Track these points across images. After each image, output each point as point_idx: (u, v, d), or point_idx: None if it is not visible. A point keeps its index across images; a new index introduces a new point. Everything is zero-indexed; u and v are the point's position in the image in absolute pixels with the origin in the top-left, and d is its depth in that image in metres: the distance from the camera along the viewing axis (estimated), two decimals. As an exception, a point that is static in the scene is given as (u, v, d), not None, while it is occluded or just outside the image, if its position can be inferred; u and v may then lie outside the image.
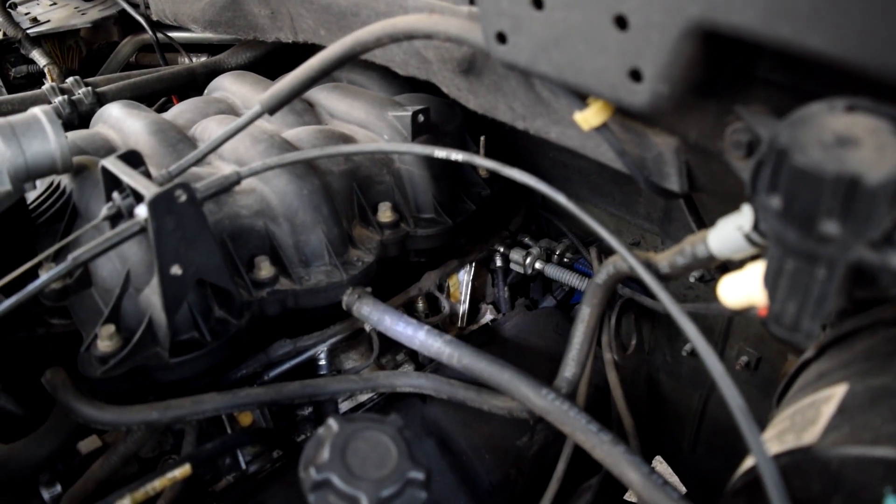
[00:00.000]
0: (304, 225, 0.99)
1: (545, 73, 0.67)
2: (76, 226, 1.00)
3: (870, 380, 0.56)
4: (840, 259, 0.45)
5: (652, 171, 0.75)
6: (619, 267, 0.78)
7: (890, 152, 0.42)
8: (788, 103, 0.54)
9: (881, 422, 0.51)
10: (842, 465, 0.50)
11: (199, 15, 1.34)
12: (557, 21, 0.63)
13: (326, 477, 0.57)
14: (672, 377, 1.34)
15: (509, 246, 1.31)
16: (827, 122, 0.46)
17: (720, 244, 0.63)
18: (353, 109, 1.18)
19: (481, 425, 1.08)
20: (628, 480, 0.72)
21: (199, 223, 0.81)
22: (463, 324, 1.30)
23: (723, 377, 0.56)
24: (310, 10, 1.08)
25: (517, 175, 0.74)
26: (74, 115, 1.32)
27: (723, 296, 0.61)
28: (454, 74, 0.90)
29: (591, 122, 0.70)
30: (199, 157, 0.88)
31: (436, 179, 1.12)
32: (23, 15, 1.90)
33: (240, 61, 1.55)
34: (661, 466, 1.65)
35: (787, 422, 0.59)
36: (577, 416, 0.78)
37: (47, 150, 0.92)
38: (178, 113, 1.20)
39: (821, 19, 0.47)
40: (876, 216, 0.43)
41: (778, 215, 0.46)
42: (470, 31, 0.73)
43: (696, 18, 0.53)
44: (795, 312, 0.49)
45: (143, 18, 1.73)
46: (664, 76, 0.57)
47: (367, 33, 0.80)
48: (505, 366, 0.87)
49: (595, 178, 1.17)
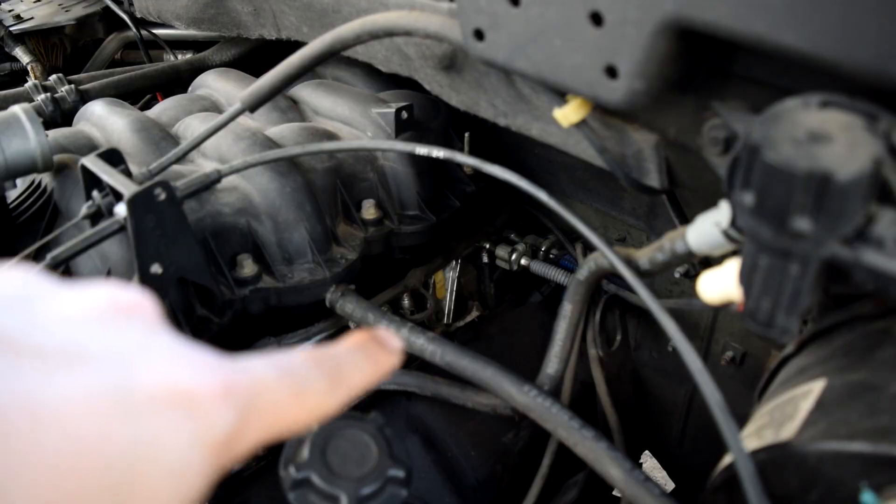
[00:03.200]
0: (286, 222, 0.98)
1: (523, 70, 0.67)
2: (57, 224, 1.00)
3: (848, 375, 0.57)
4: (813, 255, 0.45)
5: (632, 168, 0.75)
6: (600, 263, 0.78)
7: (862, 148, 0.43)
8: (766, 99, 0.54)
9: (858, 417, 0.51)
10: (819, 461, 0.50)
11: (182, 12, 1.34)
12: (534, 18, 0.62)
13: (306, 475, 0.57)
14: (658, 372, 1.35)
15: (495, 242, 1.31)
16: (800, 118, 0.46)
17: (699, 240, 0.63)
18: (337, 106, 1.17)
19: (466, 422, 1.08)
20: (610, 477, 0.73)
21: (179, 221, 0.81)
22: (449, 321, 1.30)
23: (701, 373, 0.56)
24: (292, 7, 1.08)
25: (498, 172, 0.74)
26: (57, 113, 1.31)
27: (702, 291, 0.61)
28: (435, 71, 0.89)
29: (570, 118, 0.70)
30: (180, 154, 0.87)
31: (420, 176, 1.12)
32: (6, 12, 1.89)
33: (224, 58, 1.54)
34: (649, 461, 1.66)
35: (767, 417, 0.60)
36: (560, 412, 0.78)
37: (27, 148, 0.91)
38: (161, 110, 1.20)
39: (794, 15, 0.47)
40: (848, 212, 0.43)
41: (751, 212, 0.46)
42: (449, 27, 0.73)
43: (670, 15, 0.52)
44: (770, 308, 0.49)
45: (126, 15, 1.72)
46: (640, 73, 0.57)
47: (346, 30, 0.79)
48: (488, 363, 0.87)
49: (580, 174, 1.17)
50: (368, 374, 0.38)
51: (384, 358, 0.39)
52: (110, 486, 0.25)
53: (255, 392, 0.32)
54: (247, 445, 0.32)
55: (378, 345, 0.39)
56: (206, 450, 0.29)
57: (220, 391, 0.30)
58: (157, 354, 0.29)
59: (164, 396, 0.28)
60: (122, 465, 0.26)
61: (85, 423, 0.25)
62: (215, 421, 0.29)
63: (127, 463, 0.26)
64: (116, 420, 0.26)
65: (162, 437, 0.27)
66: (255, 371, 0.32)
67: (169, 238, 0.80)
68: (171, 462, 0.27)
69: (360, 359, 0.38)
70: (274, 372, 0.33)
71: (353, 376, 0.37)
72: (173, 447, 0.27)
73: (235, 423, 0.30)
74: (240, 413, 0.30)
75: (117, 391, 0.27)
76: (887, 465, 0.47)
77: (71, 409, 0.25)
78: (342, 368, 0.37)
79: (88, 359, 0.27)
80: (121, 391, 0.27)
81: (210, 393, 0.29)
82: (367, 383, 0.38)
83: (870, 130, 0.44)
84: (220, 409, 0.29)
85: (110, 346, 0.28)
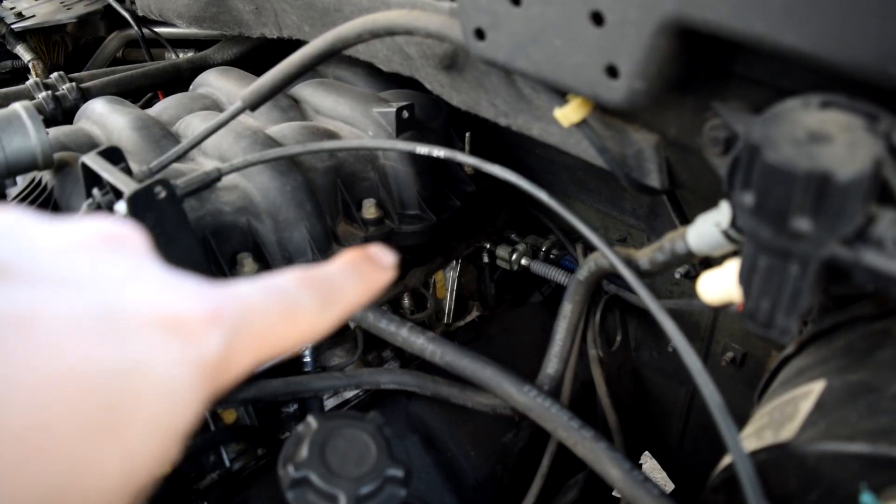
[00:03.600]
0: (287, 221, 0.98)
1: (523, 70, 0.67)
2: (58, 223, 1.00)
3: (847, 375, 0.56)
4: (812, 256, 0.45)
5: (633, 168, 0.75)
6: (600, 263, 0.78)
7: (862, 149, 0.43)
8: (766, 100, 0.54)
9: (857, 417, 0.51)
10: (819, 461, 0.50)
11: (183, 10, 1.34)
12: (535, 17, 0.62)
13: (305, 475, 0.57)
14: (658, 373, 1.35)
15: (495, 242, 1.31)
16: (800, 118, 0.46)
17: (699, 241, 0.63)
18: (338, 106, 1.17)
19: (466, 422, 1.08)
20: (610, 477, 0.73)
21: (178, 220, 0.81)
22: (449, 320, 1.30)
23: (701, 373, 0.56)
24: (293, 6, 1.08)
25: (499, 171, 0.74)
26: (58, 111, 1.31)
27: (702, 292, 0.61)
28: (436, 71, 0.89)
29: (570, 118, 0.70)
30: (181, 153, 0.87)
31: (420, 176, 1.12)
32: (7, 9, 1.89)
33: (226, 57, 1.54)
34: (649, 462, 1.66)
35: (766, 418, 0.60)
36: (559, 412, 0.78)
37: (28, 146, 0.91)
38: (162, 109, 1.20)
39: (794, 15, 0.47)
40: (848, 213, 0.43)
41: (751, 212, 0.46)
42: (450, 27, 0.73)
43: (670, 14, 0.52)
44: (769, 309, 0.49)
45: (128, 13, 1.72)
46: (640, 72, 0.57)
47: (347, 29, 0.79)
48: (487, 362, 0.86)
49: (581, 174, 1.17)
50: (361, 292, 0.38)
51: (377, 275, 0.39)
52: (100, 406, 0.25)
53: (244, 314, 0.32)
54: (240, 368, 0.32)
55: (370, 262, 0.39)
56: (197, 372, 0.29)
57: (209, 315, 0.30)
58: (145, 282, 0.30)
59: (153, 321, 0.28)
60: (112, 385, 0.26)
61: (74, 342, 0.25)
62: (205, 345, 0.29)
63: (116, 382, 0.26)
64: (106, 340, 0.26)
65: (151, 359, 0.27)
66: (244, 294, 0.32)
67: (169, 236, 0.80)
68: (162, 383, 0.27)
69: (351, 277, 0.37)
70: (263, 294, 0.33)
71: (345, 295, 0.37)
72: (163, 369, 0.27)
73: (226, 347, 0.30)
74: (230, 336, 0.30)
75: (107, 313, 0.27)
76: (887, 465, 0.47)
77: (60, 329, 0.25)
78: (333, 287, 0.36)
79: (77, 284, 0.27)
80: (110, 313, 0.27)
81: (199, 318, 0.29)
82: (360, 301, 0.38)
83: (870, 131, 0.44)
84: (209, 333, 0.29)
85: (99, 273, 0.29)
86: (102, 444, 0.25)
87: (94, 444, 0.25)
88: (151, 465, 0.27)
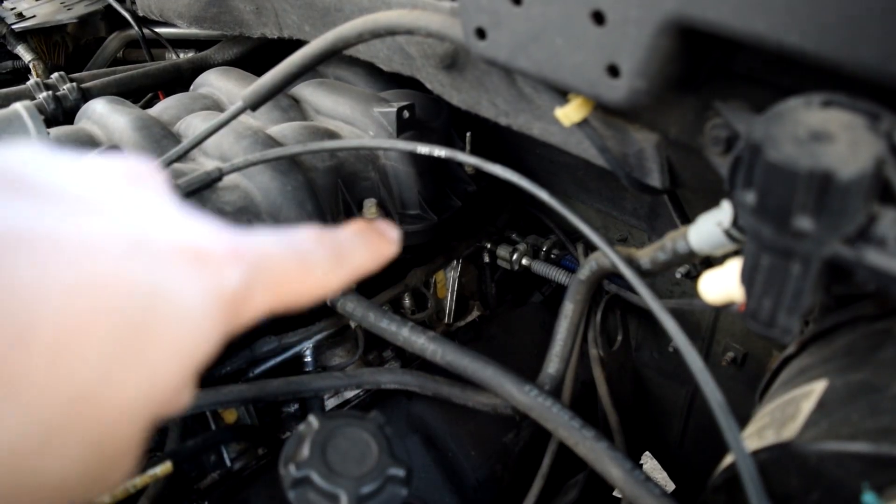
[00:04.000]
0: (287, 221, 0.98)
1: (524, 69, 0.67)
2: (59, 223, 1.00)
3: (849, 375, 0.56)
4: (814, 255, 0.45)
5: (634, 168, 0.75)
6: (601, 263, 0.78)
7: (864, 148, 0.42)
8: (768, 99, 0.54)
9: (859, 417, 0.51)
10: (820, 461, 0.50)
11: (184, 10, 1.34)
12: (536, 16, 0.62)
13: (306, 474, 0.57)
14: (659, 372, 1.35)
15: (496, 242, 1.31)
16: (802, 117, 0.46)
17: (700, 240, 0.63)
18: (339, 105, 1.17)
19: (467, 422, 1.08)
20: (611, 476, 0.73)
21: (180, 220, 0.81)
22: (450, 320, 1.30)
23: (702, 373, 0.56)
24: (294, 6, 1.08)
25: (499, 171, 0.74)
26: (59, 111, 1.31)
27: (703, 291, 0.61)
28: (437, 70, 0.89)
29: (571, 118, 0.70)
30: (181, 153, 0.87)
31: (421, 176, 1.12)
32: (8, 10, 1.89)
33: (226, 57, 1.54)
34: (650, 462, 1.66)
35: (768, 418, 0.59)
36: (560, 412, 0.78)
37: (29, 146, 0.91)
38: (163, 109, 1.20)
39: (795, 14, 0.46)
40: (849, 211, 0.43)
41: (753, 211, 0.46)
42: (450, 26, 0.73)
43: (671, 14, 0.52)
44: (771, 308, 0.49)
45: (129, 14, 1.72)
46: (642, 72, 0.57)
47: (348, 29, 0.79)
48: (488, 362, 0.86)
49: (582, 174, 1.17)
50: (368, 258, 0.40)
51: (384, 246, 0.41)
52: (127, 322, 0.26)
53: (261, 258, 0.33)
54: (254, 310, 0.33)
55: (377, 233, 0.41)
56: (217, 302, 0.30)
57: (230, 252, 0.31)
58: (170, 215, 0.31)
59: (179, 249, 0.29)
60: (139, 304, 0.27)
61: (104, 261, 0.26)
62: (225, 277, 0.30)
63: (143, 302, 0.27)
64: (135, 261, 0.27)
65: (176, 284, 0.28)
66: (261, 241, 0.34)
67: (170, 236, 0.80)
68: (185, 308, 0.28)
69: (360, 243, 0.39)
70: (280, 244, 0.35)
71: (355, 258, 0.39)
72: (187, 295, 0.28)
73: (243, 284, 0.31)
74: (247, 275, 0.32)
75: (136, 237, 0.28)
76: (889, 465, 0.46)
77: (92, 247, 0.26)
78: (344, 249, 0.38)
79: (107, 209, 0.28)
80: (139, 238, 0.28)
81: (220, 252, 0.31)
82: (367, 267, 0.40)
83: (872, 130, 0.44)
84: (229, 268, 0.31)
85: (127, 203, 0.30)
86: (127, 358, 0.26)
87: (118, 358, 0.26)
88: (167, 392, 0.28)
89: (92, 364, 0.25)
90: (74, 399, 0.25)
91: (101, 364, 0.25)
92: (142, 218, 0.29)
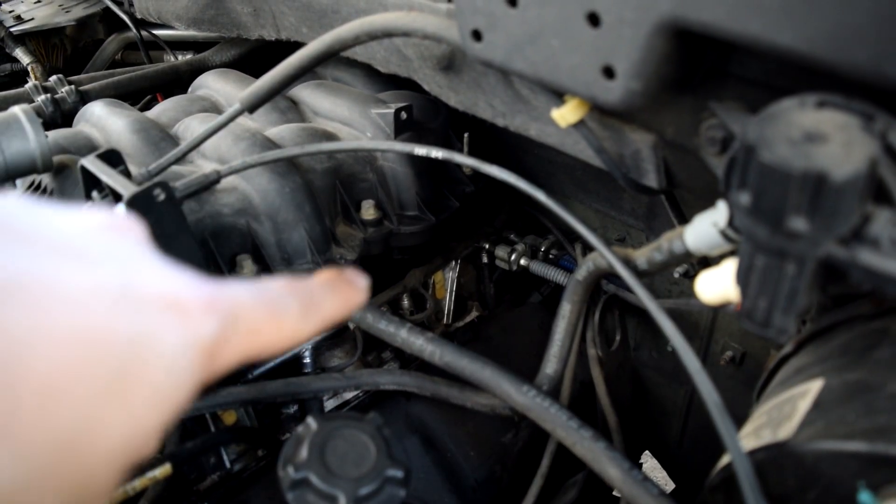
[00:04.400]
0: (286, 223, 0.98)
1: (521, 71, 0.67)
2: (57, 225, 1.00)
3: (845, 374, 0.57)
4: (809, 255, 0.45)
5: (630, 168, 0.75)
6: (598, 263, 0.78)
7: (858, 148, 0.43)
8: (763, 99, 0.54)
9: (855, 416, 0.51)
10: (817, 460, 0.50)
11: (182, 13, 1.34)
12: (531, 18, 0.62)
13: (305, 475, 0.57)
14: (658, 372, 1.35)
15: (494, 242, 1.31)
16: (796, 118, 0.46)
17: (696, 240, 0.63)
18: (337, 107, 1.17)
19: (466, 422, 1.08)
20: (609, 476, 0.73)
21: (178, 222, 0.81)
22: (448, 321, 1.30)
23: (699, 373, 0.56)
24: (291, 8, 1.08)
25: (497, 172, 0.74)
26: (57, 114, 1.31)
27: (699, 291, 0.61)
28: (434, 72, 0.89)
29: (568, 119, 0.70)
30: (179, 155, 0.87)
31: (419, 177, 1.12)
32: (6, 13, 1.89)
33: (224, 59, 1.54)
34: (649, 461, 1.66)
35: (764, 417, 0.60)
36: (558, 412, 0.78)
37: (27, 149, 0.91)
38: (161, 111, 1.20)
39: (790, 15, 0.47)
40: (843, 212, 0.43)
41: (747, 211, 0.46)
42: (447, 28, 0.73)
43: (666, 15, 0.53)
44: (766, 308, 0.49)
45: (127, 16, 1.72)
46: (637, 73, 0.57)
47: (345, 31, 0.79)
48: (486, 363, 0.87)
49: (579, 174, 1.17)
50: (339, 307, 0.41)
51: (352, 294, 0.42)
52: (112, 369, 0.27)
53: (235, 309, 0.34)
54: (229, 359, 0.34)
55: (346, 282, 0.43)
56: (195, 352, 0.31)
57: (206, 302, 0.32)
58: (151, 266, 0.32)
59: (160, 299, 0.30)
60: (124, 351, 0.28)
61: (93, 310, 0.27)
62: (202, 327, 0.31)
63: (128, 350, 0.28)
64: (121, 310, 0.28)
65: (159, 333, 0.29)
66: (235, 292, 0.35)
67: (168, 238, 0.80)
68: (167, 357, 0.29)
69: (330, 292, 0.41)
70: (253, 295, 0.36)
71: (325, 307, 0.40)
72: (168, 344, 0.30)
73: (219, 333, 0.32)
74: (222, 325, 0.33)
75: (121, 287, 0.29)
76: (884, 464, 0.47)
77: (81, 296, 0.27)
78: (315, 299, 0.39)
79: (93, 259, 0.30)
80: (124, 288, 0.29)
81: (197, 303, 0.32)
82: (338, 315, 0.41)
83: (866, 130, 0.44)
84: (206, 318, 0.32)
85: (111, 253, 0.31)
86: (111, 403, 0.27)
87: (104, 403, 0.27)
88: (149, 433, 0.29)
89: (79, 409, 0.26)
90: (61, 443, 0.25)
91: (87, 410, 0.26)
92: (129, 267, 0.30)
